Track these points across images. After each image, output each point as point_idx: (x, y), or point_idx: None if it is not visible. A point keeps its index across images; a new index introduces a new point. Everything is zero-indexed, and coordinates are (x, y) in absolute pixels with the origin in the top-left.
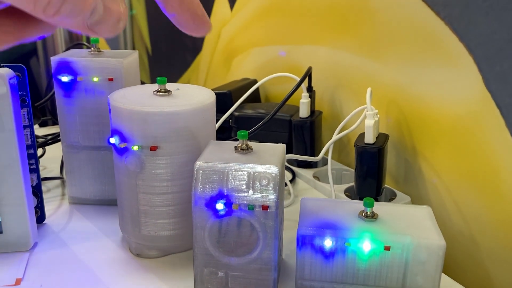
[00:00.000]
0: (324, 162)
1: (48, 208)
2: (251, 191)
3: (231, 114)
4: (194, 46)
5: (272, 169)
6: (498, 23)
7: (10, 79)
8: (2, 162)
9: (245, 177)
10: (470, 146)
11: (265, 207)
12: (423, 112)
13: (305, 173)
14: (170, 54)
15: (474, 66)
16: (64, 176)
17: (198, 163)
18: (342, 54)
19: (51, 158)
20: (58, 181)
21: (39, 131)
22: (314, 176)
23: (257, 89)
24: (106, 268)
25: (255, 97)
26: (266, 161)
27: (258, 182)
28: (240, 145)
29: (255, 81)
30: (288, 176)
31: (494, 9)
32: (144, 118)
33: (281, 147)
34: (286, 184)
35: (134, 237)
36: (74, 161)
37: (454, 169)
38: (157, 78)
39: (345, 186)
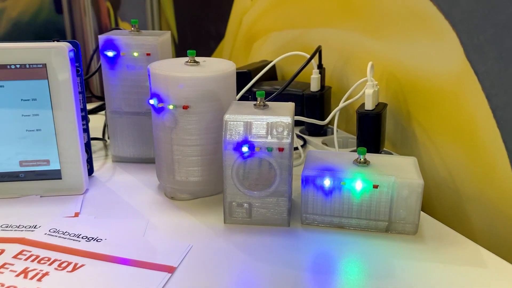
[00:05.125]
0: (333, 131)
1: (94, 165)
2: (269, 136)
3: (250, 90)
4: (217, 33)
5: (286, 119)
6: (476, 2)
7: (69, 51)
8: (64, 121)
9: (265, 125)
10: (453, 108)
11: (281, 149)
12: (417, 82)
13: (315, 140)
14: (195, 42)
15: (457, 40)
16: (107, 139)
17: (226, 116)
18: (348, 35)
19: (93, 128)
20: (101, 144)
21: None
22: (323, 143)
23: (274, 69)
24: (146, 207)
25: (272, 77)
26: (281, 113)
27: (275, 129)
28: (258, 102)
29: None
30: (299, 142)
31: None
32: (178, 82)
33: (291, 104)
34: (297, 148)
35: (169, 182)
36: (117, 125)
37: (441, 130)
38: (188, 51)
39: (349, 149)
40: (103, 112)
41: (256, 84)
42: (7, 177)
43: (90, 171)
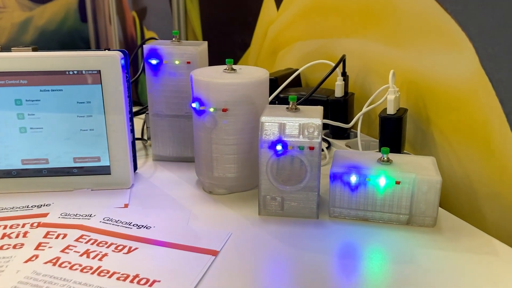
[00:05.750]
0: (356, 135)
1: (137, 163)
2: (301, 136)
3: (278, 96)
4: (243, 42)
5: (316, 121)
6: (491, 16)
7: (121, 59)
8: (114, 122)
9: (297, 126)
10: (470, 113)
11: (311, 148)
12: (435, 89)
13: (339, 143)
14: (221, 50)
15: (473, 50)
16: (147, 139)
17: (263, 118)
18: (370, 44)
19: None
20: (141, 145)
21: None
22: (347, 145)
23: (299, 77)
24: (187, 200)
25: (297, 84)
26: (311, 116)
27: (306, 130)
28: (291, 106)
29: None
30: (324, 144)
31: (488, 4)
32: (218, 87)
33: (320, 108)
34: (322, 150)
35: (207, 178)
36: (158, 126)
37: (458, 133)
38: (226, 60)
39: (372, 151)
40: (140, 115)
41: (283, 90)
42: (61, 172)
43: (134, 168)
